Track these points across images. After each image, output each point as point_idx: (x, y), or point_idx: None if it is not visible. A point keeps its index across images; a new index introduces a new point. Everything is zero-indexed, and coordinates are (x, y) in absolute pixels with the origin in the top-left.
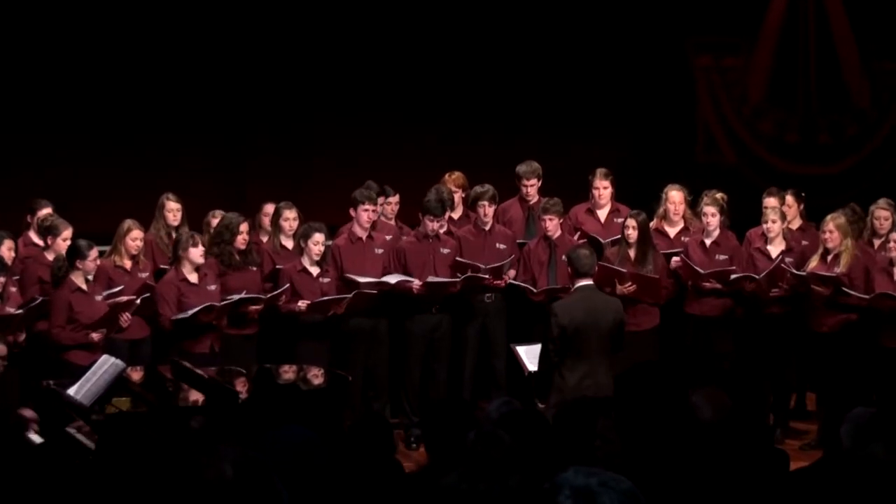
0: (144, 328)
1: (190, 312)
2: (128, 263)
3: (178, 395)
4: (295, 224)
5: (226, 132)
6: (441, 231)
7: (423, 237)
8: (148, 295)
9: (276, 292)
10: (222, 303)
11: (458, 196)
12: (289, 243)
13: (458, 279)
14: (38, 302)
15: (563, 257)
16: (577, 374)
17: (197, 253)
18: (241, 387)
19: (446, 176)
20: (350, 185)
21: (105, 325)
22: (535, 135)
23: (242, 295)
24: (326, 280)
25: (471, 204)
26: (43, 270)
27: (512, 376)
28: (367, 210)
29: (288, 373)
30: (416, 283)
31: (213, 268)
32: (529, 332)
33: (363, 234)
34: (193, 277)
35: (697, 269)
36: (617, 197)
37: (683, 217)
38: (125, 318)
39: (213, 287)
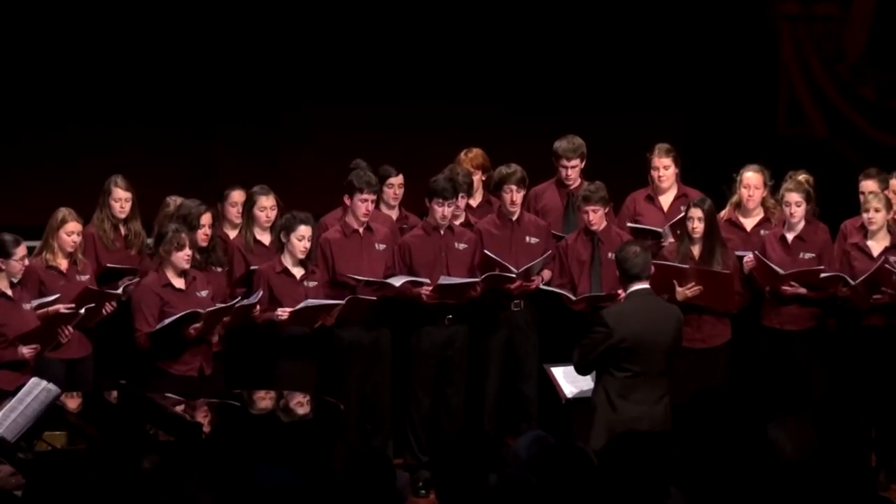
0: (85, 345)
1: (169, 320)
2: (63, 263)
3: (127, 429)
4: (273, 214)
5: (185, 100)
6: (456, 221)
7: (433, 229)
8: (93, 305)
9: (248, 300)
10: (208, 310)
11: (477, 179)
12: (265, 238)
13: (476, 279)
14: None
15: (609, 255)
16: (631, 402)
17: (182, 256)
18: (204, 418)
19: (462, 154)
20: (341, 166)
21: (38, 341)
22: (575, 103)
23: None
24: (313, 284)
25: (494, 188)
26: None
27: (545, 404)
28: (365, 200)
29: (264, 400)
30: (425, 286)
31: (201, 273)
32: (567, 349)
33: (360, 226)
34: (179, 282)
35: (776, 269)
36: (683, 179)
37: (763, 205)
38: (66, 332)
39: (204, 293)
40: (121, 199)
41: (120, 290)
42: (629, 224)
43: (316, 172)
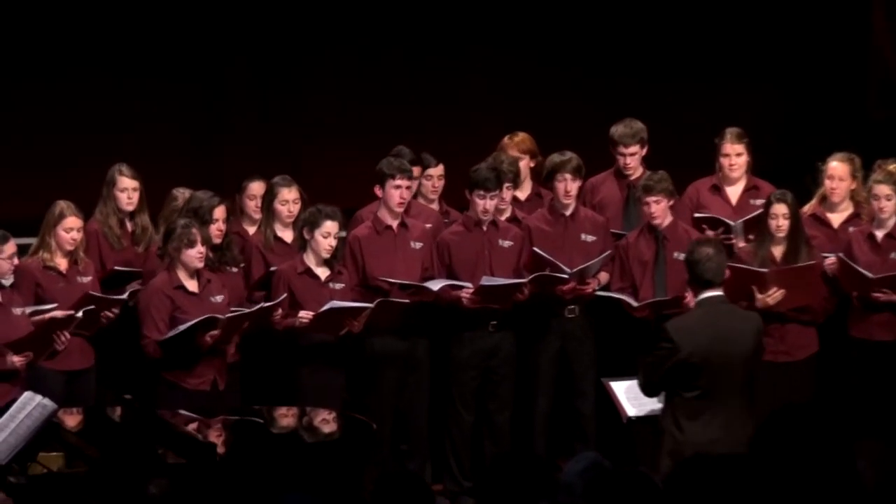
0: (87, 355)
1: (183, 327)
2: (62, 263)
3: (132, 450)
4: (296, 208)
5: (196, 79)
6: (501, 216)
7: (475, 224)
8: (92, 308)
9: (268, 304)
10: (227, 316)
11: (524, 166)
12: (287, 235)
13: (523, 280)
14: None
15: (676, 255)
16: (702, 423)
17: (194, 254)
18: (218, 438)
19: (506, 139)
20: (371, 154)
21: (30, 348)
22: (635, 81)
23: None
24: (339, 286)
25: (545, 178)
26: None
27: (604, 423)
28: (399, 187)
29: (286, 417)
30: (467, 290)
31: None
32: (628, 362)
33: (394, 222)
34: (192, 285)
35: (864, 272)
36: (755, 170)
37: (853, 199)
38: (62, 339)
39: (219, 298)
40: (127, 189)
41: (125, 296)
42: (695, 215)
43: (345, 161)
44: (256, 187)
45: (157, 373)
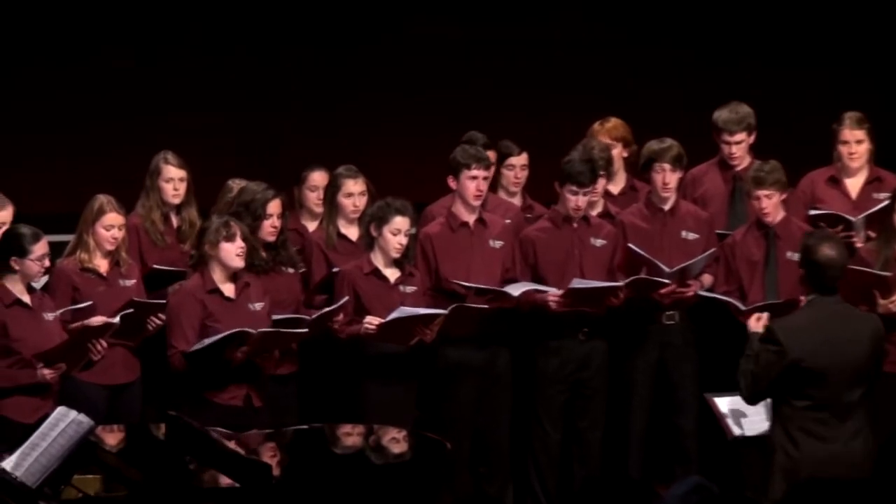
0: (132, 368)
1: (208, 341)
2: (102, 265)
3: (178, 472)
4: (362, 202)
5: (251, 56)
6: (592, 211)
7: (564, 220)
8: (131, 311)
9: (329, 308)
10: (260, 331)
11: (617, 155)
12: (351, 232)
13: (618, 283)
14: None
15: (789, 255)
16: (817, 440)
17: (233, 250)
18: (273, 459)
19: (597, 125)
20: (444, 141)
21: (62, 359)
22: (741, 60)
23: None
24: (411, 290)
25: (642, 169)
26: None
27: (707, 442)
28: (475, 177)
29: (350, 436)
30: (554, 292)
31: (257, 278)
32: (734, 374)
33: (470, 217)
34: (228, 289)
35: None
36: (878, 159)
37: None
38: (98, 348)
39: (258, 305)
40: (173, 179)
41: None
42: (810, 212)
43: (415, 149)
44: (318, 177)
45: (188, 387)
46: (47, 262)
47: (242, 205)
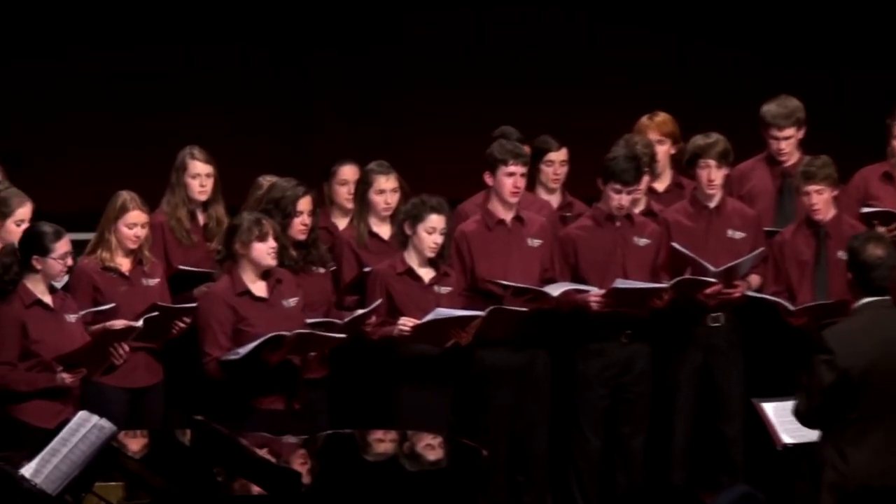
0: (154, 371)
1: (243, 351)
2: (124, 264)
3: (204, 479)
4: (394, 199)
5: (280, 48)
6: (636, 209)
7: (606, 219)
8: (156, 314)
9: (362, 311)
10: (296, 332)
11: (662, 152)
12: (383, 230)
13: (663, 285)
14: None
15: (840, 255)
16: (868, 451)
17: (265, 250)
18: (303, 466)
19: (645, 119)
20: (480, 136)
21: (83, 362)
22: (791, 52)
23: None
24: (446, 290)
25: (687, 165)
26: None
27: (754, 451)
28: (512, 174)
29: (382, 442)
30: (595, 292)
31: (289, 273)
32: (783, 379)
33: (507, 215)
34: (260, 288)
35: None
36: None
37: None
38: (120, 352)
39: (292, 302)
40: (200, 175)
41: (197, 304)
42: (862, 210)
43: (450, 144)
44: (348, 172)
45: (225, 391)
46: (70, 261)
47: (272, 202)
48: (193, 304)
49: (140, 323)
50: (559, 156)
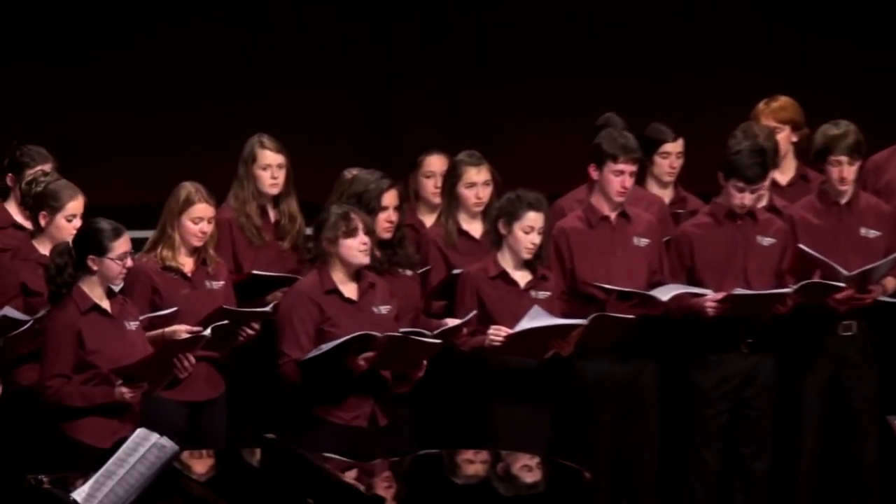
0: (215, 383)
1: (326, 347)
2: (187, 263)
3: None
4: (486, 193)
5: (359, 24)
6: (758, 204)
7: (726, 216)
8: (227, 325)
9: (455, 323)
10: (388, 335)
11: (784, 140)
12: (474, 228)
13: (787, 290)
14: (24, 328)
15: None
16: None
17: (355, 246)
18: (387, 490)
19: (762, 105)
20: (582, 124)
21: (144, 376)
22: None
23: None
24: (544, 294)
25: (815, 158)
26: (29, 272)
27: (890, 475)
28: (621, 172)
29: (472, 463)
30: (711, 296)
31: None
32: None
33: (612, 211)
34: (350, 290)
35: None
36: None
37: None
38: (186, 364)
39: (385, 309)
40: (271, 166)
41: (270, 308)
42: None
43: (549, 132)
44: (436, 162)
45: (300, 404)
46: (130, 262)
47: (354, 196)
48: (265, 309)
49: (208, 331)
50: (675, 147)
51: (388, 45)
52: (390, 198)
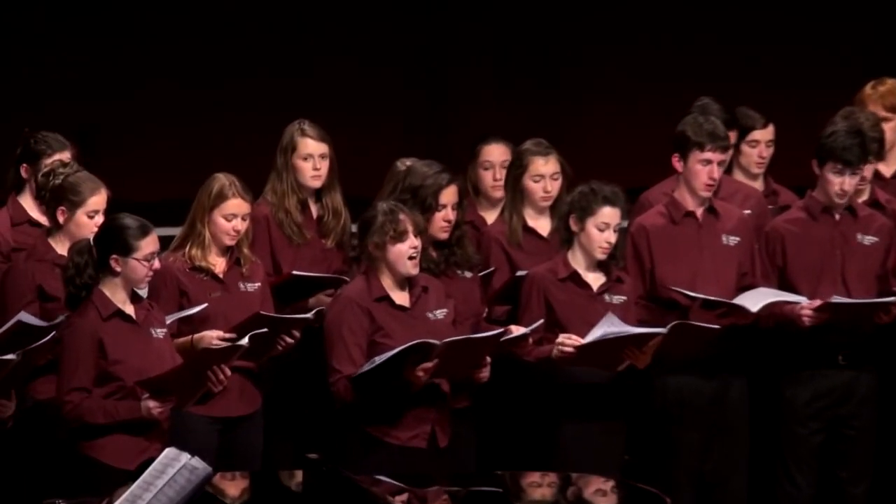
0: (250, 397)
1: (380, 359)
2: (218, 263)
3: None
4: (554, 187)
5: (416, 4)
6: (858, 199)
7: (823, 211)
8: (266, 334)
9: (520, 332)
10: (447, 341)
11: (889, 129)
12: (541, 224)
13: (891, 299)
14: (45, 340)
15: None
16: None
17: (404, 252)
18: None
19: (868, 88)
20: (665, 109)
21: (174, 389)
22: None
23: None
24: (619, 300)
25: None
26: (45, 274)
27: None
28: (709, 162)
29: (539, 487)
30: (807, 303)
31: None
32: None
33: (698, 206)
34: (401, 297)
35: None
36: None
37: None
38: (221, 377)
39: (440, 314)
40: (313, 157)
41: (311, 314)
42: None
43: (627, 120)
44: (495, 152)
45: (352, 422)
46: (157, 264)
47: (409, 191)
48: (306, 315)
49: (245, 341)
50: (765, 134)
51: (445, 15)
52: (450, 195)
